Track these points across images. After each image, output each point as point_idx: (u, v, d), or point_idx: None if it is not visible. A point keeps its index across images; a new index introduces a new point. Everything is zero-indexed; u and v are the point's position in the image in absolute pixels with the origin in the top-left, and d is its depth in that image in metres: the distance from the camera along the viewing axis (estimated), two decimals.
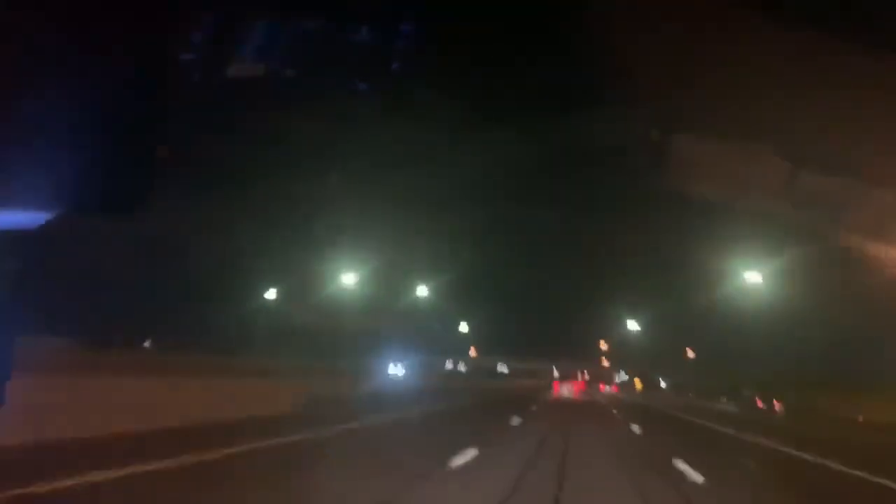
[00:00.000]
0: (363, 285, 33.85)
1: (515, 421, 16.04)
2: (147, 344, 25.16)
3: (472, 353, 73.35)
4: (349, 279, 32.28)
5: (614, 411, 26.23)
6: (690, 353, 49.89)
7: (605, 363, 75.36)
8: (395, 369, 41.65)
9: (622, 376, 78.77)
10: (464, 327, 65.07)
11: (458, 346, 69.08)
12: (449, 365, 72.70)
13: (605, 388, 69.65)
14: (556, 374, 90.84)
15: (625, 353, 64.64)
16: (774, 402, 29.03)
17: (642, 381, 66.42)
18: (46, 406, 7.00)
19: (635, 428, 16.33)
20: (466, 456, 8.31)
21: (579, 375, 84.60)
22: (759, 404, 31.08)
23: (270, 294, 31.82)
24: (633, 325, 53.48)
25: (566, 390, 58.07)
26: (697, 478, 7.42)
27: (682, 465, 8.18)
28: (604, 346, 71.55)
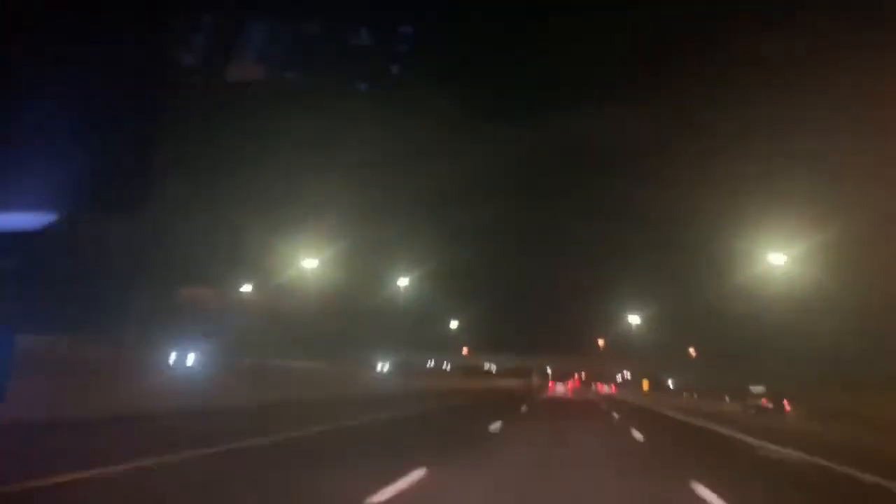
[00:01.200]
0: (340, 276, 33.48)
1: None
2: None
3: (465, 351, 73.13)
4: (310, 266, 31.41)
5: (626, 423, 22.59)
6: (693, 352, 49.94)
7: (604, 362, 75.26)
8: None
9: (626, 376, 78.49)
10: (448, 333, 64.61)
11: (447, 344, 68.79)
12: (430, 363, 71.78)
13: (604, 389, 69.67)
14: (549, 373, 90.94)
15: (625, 352, 64.64)
16: (785, 402, 28.93)
17: (650, 380, 65.39)
18: None
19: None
20: None
21: (575, 375, 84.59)
22: (765, 404, 30.86)
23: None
24: (633, 323, 53.50)
25: (561, 390, 58.34)
26: None
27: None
28: (602, 343, 71.54)
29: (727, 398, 38.23)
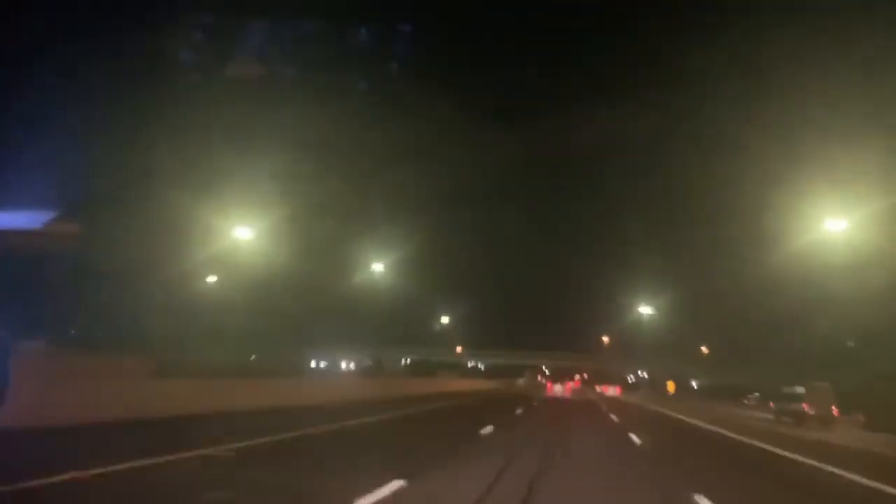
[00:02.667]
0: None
1: None
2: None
3: (459, 349, 72.18)
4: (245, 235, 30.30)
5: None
6: (705, 350, 48.89)
7: (608, 361, 73.87)
8: None
9: (642, 375, 77.11)
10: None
11: (437, 340, 67.99)
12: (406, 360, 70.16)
13: (609, 391, 68.50)
14: (547, 373, 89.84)
15: (632, 350, 63.47)
16: (833, 407, 27.22)
17: (674, 382, 63.21)
18: None
19: None
20: None
21: (576, 376, 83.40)
22: (806, 409, 28.35)
23: None
24: (642, 317, 52.15)
25: (559, 391, 57.58)
26: None
27: None
28: (607, 341, 70.19)
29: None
